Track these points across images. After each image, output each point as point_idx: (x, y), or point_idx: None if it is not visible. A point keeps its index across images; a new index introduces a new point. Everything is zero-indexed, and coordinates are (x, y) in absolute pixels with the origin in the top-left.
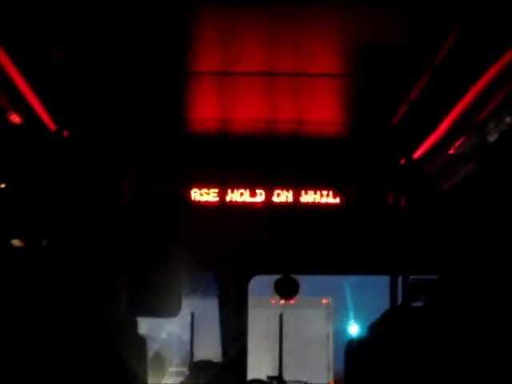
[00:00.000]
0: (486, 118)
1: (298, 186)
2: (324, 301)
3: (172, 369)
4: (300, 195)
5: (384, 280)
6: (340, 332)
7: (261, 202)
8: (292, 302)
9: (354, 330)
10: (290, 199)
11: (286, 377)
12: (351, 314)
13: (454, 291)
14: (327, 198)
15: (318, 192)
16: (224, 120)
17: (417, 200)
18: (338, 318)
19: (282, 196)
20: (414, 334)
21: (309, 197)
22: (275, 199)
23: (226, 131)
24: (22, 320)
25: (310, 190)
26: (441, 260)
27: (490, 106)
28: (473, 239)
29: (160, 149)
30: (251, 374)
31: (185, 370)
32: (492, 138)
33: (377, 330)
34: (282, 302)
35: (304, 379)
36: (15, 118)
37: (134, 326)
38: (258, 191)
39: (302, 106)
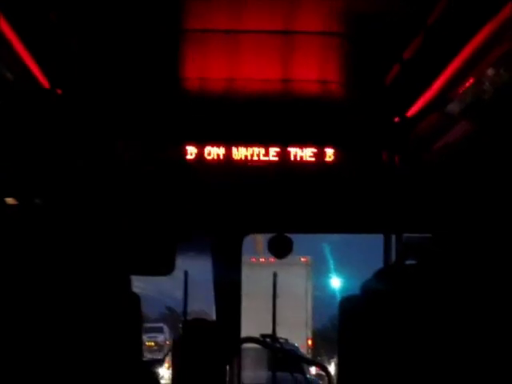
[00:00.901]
0: (482, 76)
1: (291, 145)
2: (303, 259)
3: (147, 324)
4: (294, 154)
5: (364, 239)
6: (320, 289)
7: (255, 161)
8: (272, 260)
9: (335, 283)
10: (284, 158)
11: (267, 330)
12: (332, 270)
13: (449, 249)
14: (321, 156)
15: (312, 150)
16: (219, 79)
17: (411, 158)
18: (318, 276)
19: (276, 154)
20: (409, 292)
21: (302, 155)
22: (269, 158)
23: (222, 90)
24: (15, 278)
25: (304, 148)
26: (435, 218)
27: (485, 64)
28: (467, 198)
29: (154, 107)
30: None
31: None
32: (487, 96)
33: (371, 288)
34: (262, 260)
35: (283, 336)
36: (8, 76)
37: (128, 283)
38: (253, 149)
39: (295, 64)
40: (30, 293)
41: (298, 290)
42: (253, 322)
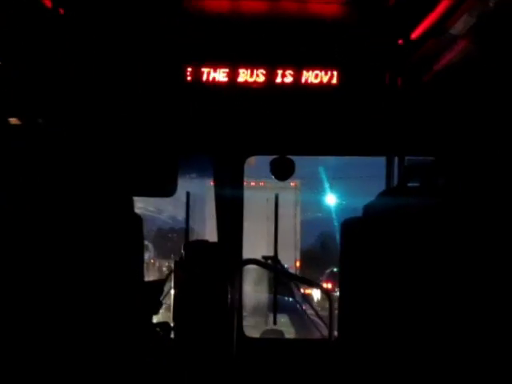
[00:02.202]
0: None
1: (294, 67)
2: (292, 184)
3: None
4: (296, 75)
5: (358, 166)
6: (311, 209)
7: (257, 82)
8: (262, 184)
9: (331, 200)
10: (286, 79)
11: (258, 253)
12: (328, 189)
13: (451, 172)
14: (323, 78)
15: (315, 72)
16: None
17: (414, 80)
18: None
19: (278, 76)
20: (412, 214)
21: (305, 76)
22: (271, 79)
23: (225, 9)
24: (17, 201)
25: (307, 69)
26: (438, 141)
27: None
28: (469, 120)
29: (156, 27)
30: None
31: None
32: (491, 17)
33: (373, 210)
34: (253, 184)
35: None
36: None
37: (131, 204)
38: (256, 71)
39: None
40: (33, 215)
41: (287, 213)
42: (247, 244)
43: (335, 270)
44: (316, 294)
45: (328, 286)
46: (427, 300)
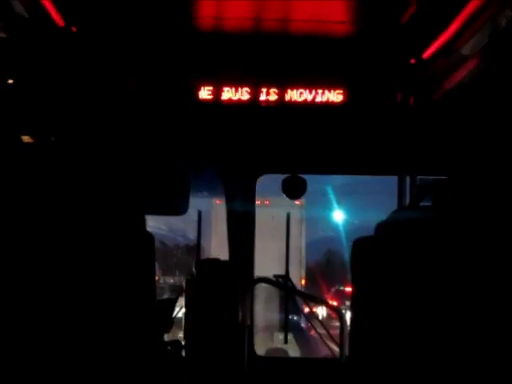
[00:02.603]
0: (499, 15)
1: (305, 86)
2: (297, 202)
3: None
4: (310, 94)
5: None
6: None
7: (269, 101)
8: (267, 202)
9: (338, 216)
10: (300, 98)
11: (263, 272)
12: (335, 206)
13: (464, 191)
14: (336, 97)
15: (326, 91)
16: (233, 18)
17: (426, 99)
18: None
19: (293, 95)
20: (424, 233)
21: (317, 96)
22: (284, 99)
23: (236, 29)
24: (30, 217)
25: (319, 88)
26: (450, 161)
27: (502, 5)
28: (482, 140)
29: (167, 46)
30: None
31: None
32: (503, 37)
33: (385, 229)
34: (258, 202)
35: (280, 273)
36: (22, 13)
37: (143, 222)
38: (268, 90)
39: (309, 3)
40: (45, 231)
41: (292, 231)
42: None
43: (341, 288)
44: (321, 311)
45: (333, 303)
46: (442, 319)
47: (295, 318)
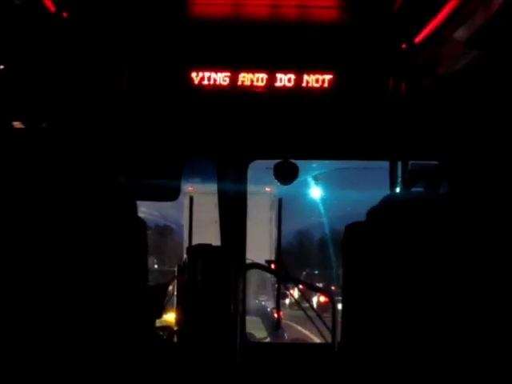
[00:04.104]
0: (492, 1)
1: (296, 71)
2: (268, 189)
3: None
4: (300, 80)
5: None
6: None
7: (260, 86)
8: None
9: (315, 193)
10: (290, 83)
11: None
12: (313, 183)
13: (454, 175)
14: (326, 82)
15: (317, 75)
16: (225, 4)
17: (418, 85)
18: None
19: (283, 80)
20: (416, 217)
21: (308, 81)
22: (275, 83)
23: (228, 14)
24: (22, 204)
25: (310, 74)
26: (442, 146)
27: None
28: (474, 125)
29: (160, 32)
30: None
31: None
32: (497, 22)
33: (376, 215)
34: None
35: (251, 257)
36: None
37: (134, 209)
38: (258, 75)
39: None
40: (36, 219)
41: (262, 217)
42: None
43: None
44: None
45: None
46: (433, 305)
47: (263, 303)
